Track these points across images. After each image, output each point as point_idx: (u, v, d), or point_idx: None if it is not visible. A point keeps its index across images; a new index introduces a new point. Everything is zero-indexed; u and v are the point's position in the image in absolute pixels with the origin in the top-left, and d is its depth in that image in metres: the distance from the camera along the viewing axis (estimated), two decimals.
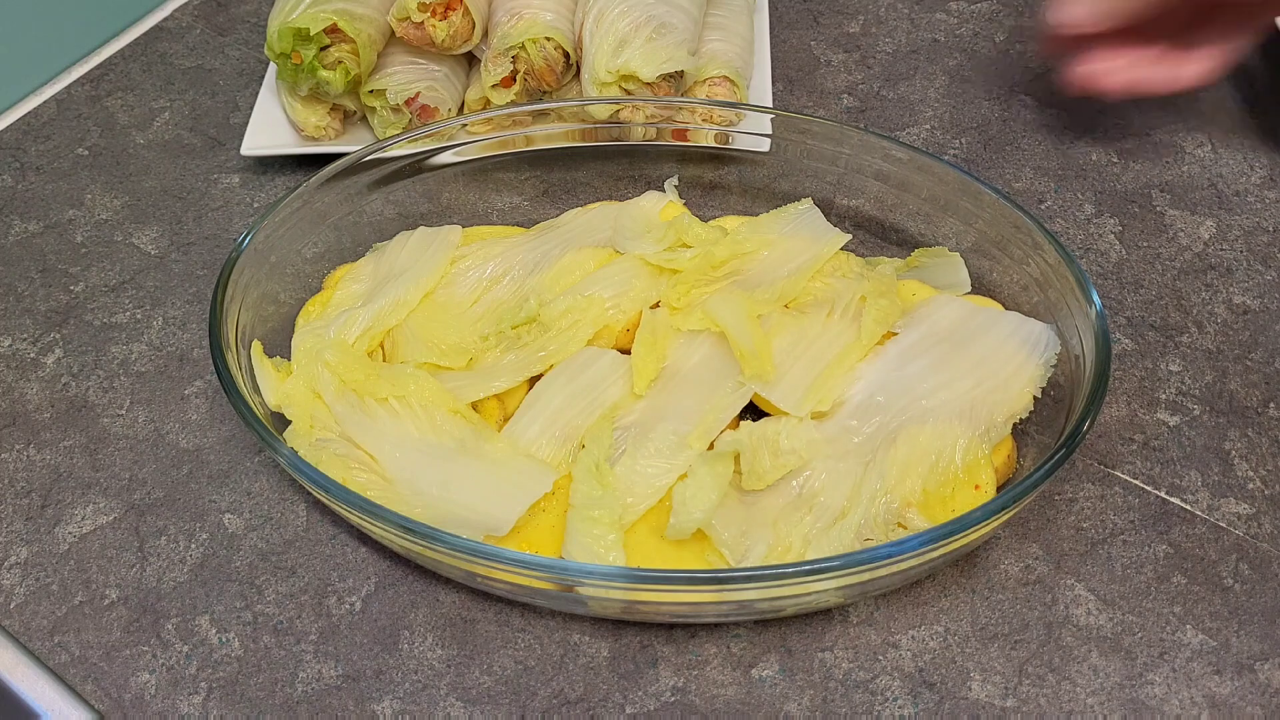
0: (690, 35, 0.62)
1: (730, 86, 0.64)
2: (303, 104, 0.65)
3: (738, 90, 0.64)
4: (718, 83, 0.64)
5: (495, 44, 0.62)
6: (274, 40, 0.61)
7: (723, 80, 0.64)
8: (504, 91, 0.62)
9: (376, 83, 0.65)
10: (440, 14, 0.62)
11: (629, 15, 0.61)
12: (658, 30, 0.61)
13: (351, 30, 0.61)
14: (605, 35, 0.61)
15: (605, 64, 0.60)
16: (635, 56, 0.60)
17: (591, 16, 0.62)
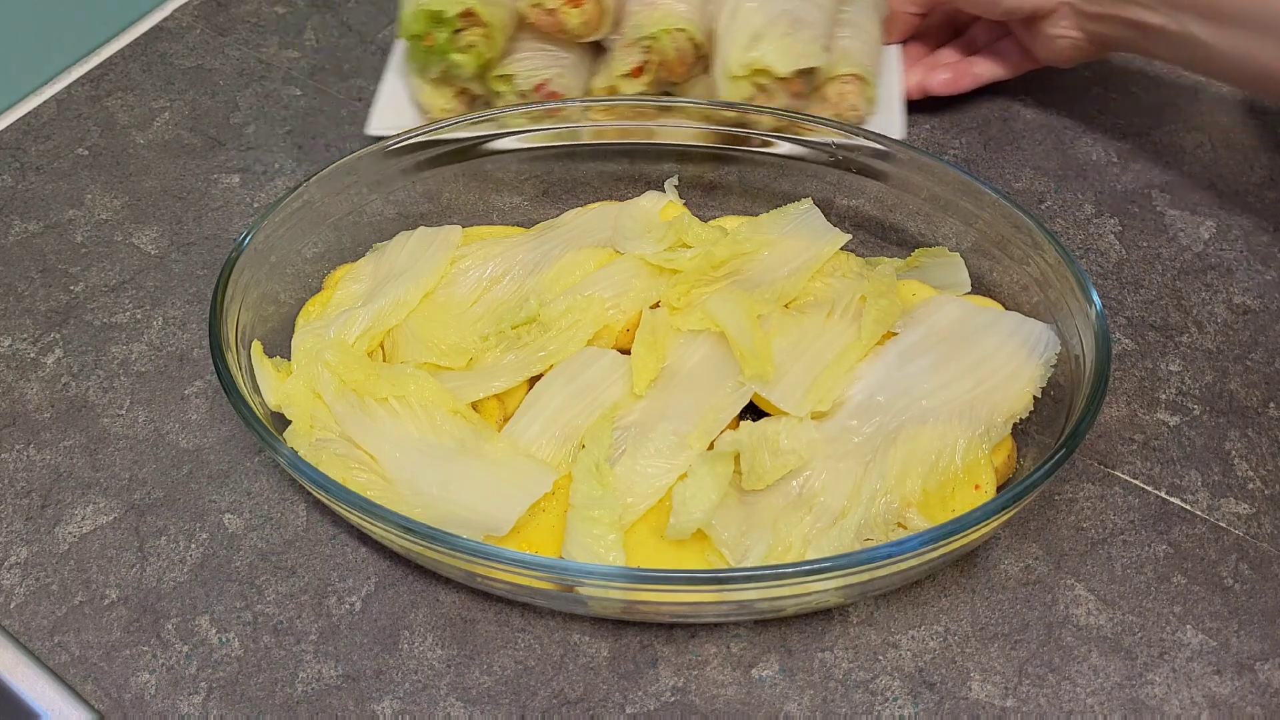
0: (824, 31, 0.62)
1: (860, 84, 0.64)
2: (431, 86, 0.65)
3: (868, 88, 0.64)
4: (848, 80, 0.63)
5: (628, 33, 0.61)
6: (408, 22, 0.62)
7: (853, 79, 0.63)
8: (633, 82, 0.62)
9: (505, 68, 0.65)
10: (574, 2, 0.62)
11: (764, 9, 0.61)
12: (793, 25, 0.61)
13: (486, 14, 0.61)
14: (740, 29, 0.61)
15: (739, 58, 0.60)
16: (770, 51, 0.60)
17: (727, 9, 0.61)
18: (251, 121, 0.72)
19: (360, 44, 0.77)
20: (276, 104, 0.73)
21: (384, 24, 0.78)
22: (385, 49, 0.76)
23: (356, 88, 0.73)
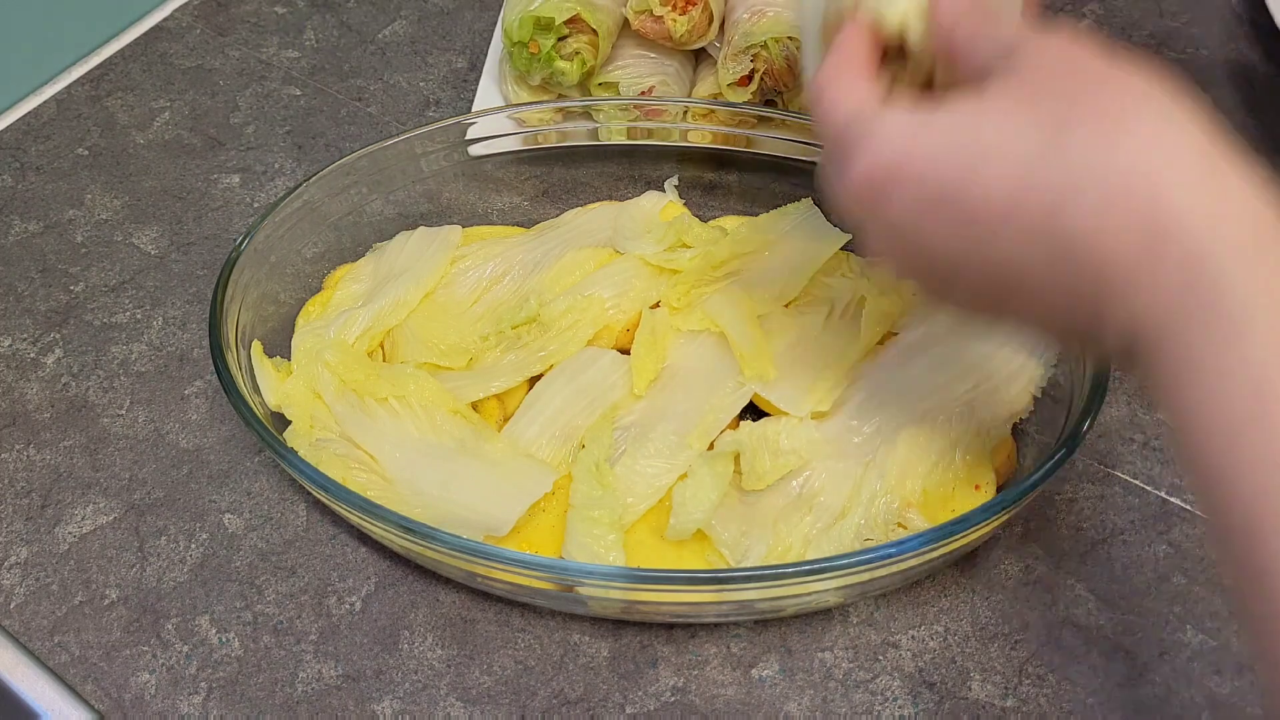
0: None
1: None
2: (530, 94, 0.65)
3: None
4: None
5: (735, 41, 0.61)
6: (513, 28, 0.61)
7: None
8: (741, 90, 0.62)
9: (608, 75, 0.65)
10: (681, 8, 0.61)
11: None
12: None
13: (594, 21, 0.61)
14: None
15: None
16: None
17: None
18: (251, 121, 0.72)
19: (360, 44, 0.77)
20: (276, 104, 0.73)
21: (384, 24, 0.78)
22: (385, 49, 0.76)
23: (356, 88, 0.73)
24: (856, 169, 0.34)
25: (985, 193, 0.32)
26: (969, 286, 0.34)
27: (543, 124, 0.62)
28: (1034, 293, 0.32)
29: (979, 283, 0.34)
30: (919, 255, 0.35)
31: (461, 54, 0.75)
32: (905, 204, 0.33)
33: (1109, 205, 0.30)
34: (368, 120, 0.71)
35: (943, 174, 0.32)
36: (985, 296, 0.34)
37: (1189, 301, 0.29)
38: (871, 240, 0.36)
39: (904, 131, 0.33)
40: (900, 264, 0.36)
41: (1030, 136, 0.31)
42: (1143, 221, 0.29)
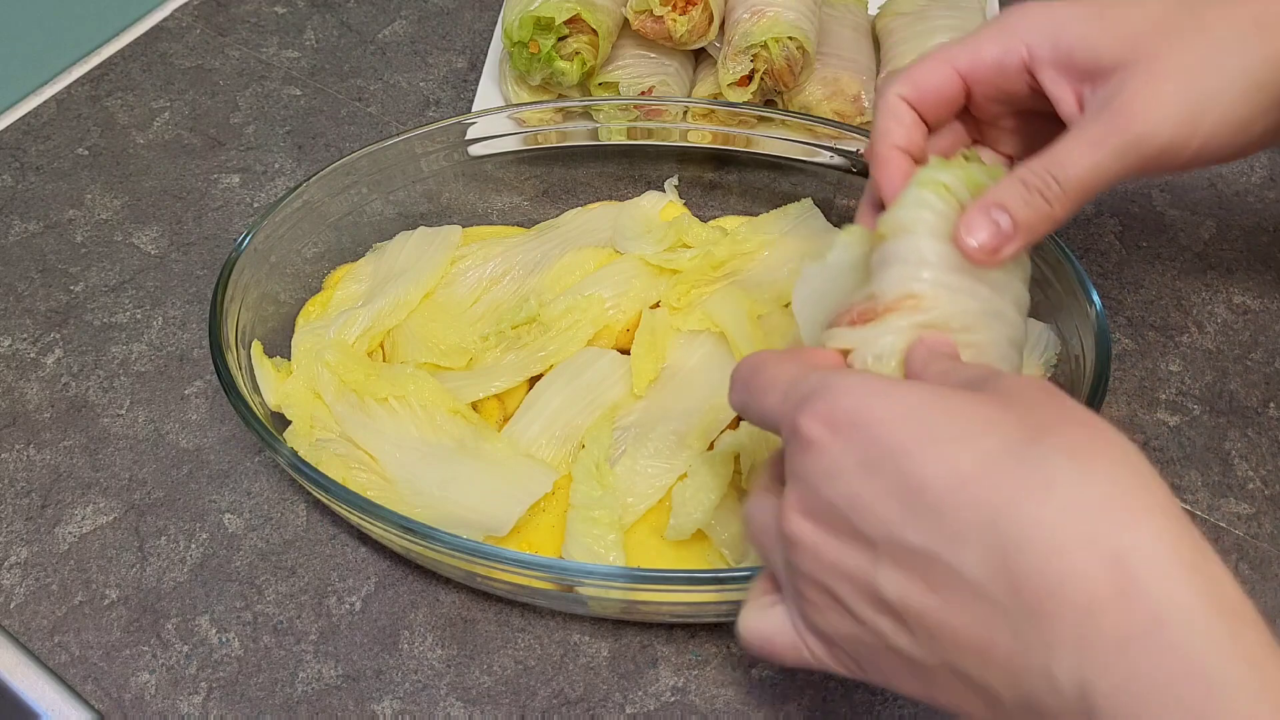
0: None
1: None
2: (530, 94, 0.65)
3: None
4: None
5: (736, 41, 0.61)
6: (513, 28, 0.61)
7: None
8: (741, 90, 0.62)
9: (608, 75, 0.65)
10: (681, 8, 0.61)
11: None
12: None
13: (594, 21, 0.61)
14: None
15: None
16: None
17: None
18: (251, 121, 0.72)
19: (360, 44, 0.77)
20: (276, 104, 0.73)
21: (384, 24, 0.78)
22: (385, 49, 0.76)
23: (356, 88, 0.73)
24: (813, 406, 0.31)
25: (941, 465, 0.29)
26: (878, 578, 0.30)
27: (543, 124, 0.62)
28: (955, 600, 0.28)
29: (892, 574, 0.29)
30: (833, 517, 0.31)
31: (461, 54, 0.75)
32: (850, 452, 0.30)
33: (1074, 526, 0.27)
34: (368, 120, 0.71)
35: (901, 434, 0.30)
36: (893, 597, 0.30)
37: (1156, 672, 0.25)
38: (791, 491, 0.32)
39: (874, 386, 0.31)
40: (799, 532, 0.32)
41: (1001, 430, 0.29)
42: (1108, 566, 0.26)
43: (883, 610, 0.30)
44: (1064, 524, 0.27)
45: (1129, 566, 0.26)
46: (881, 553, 0.30)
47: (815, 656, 0.34)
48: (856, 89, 0.64)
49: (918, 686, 0.31)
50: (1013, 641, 0.27)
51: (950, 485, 0.28)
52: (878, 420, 0.30)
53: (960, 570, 0.28)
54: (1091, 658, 0.26)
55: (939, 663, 0.30)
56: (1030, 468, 0.28)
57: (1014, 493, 0.28)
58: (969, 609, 0.28)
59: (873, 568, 0.30)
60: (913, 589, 0.29)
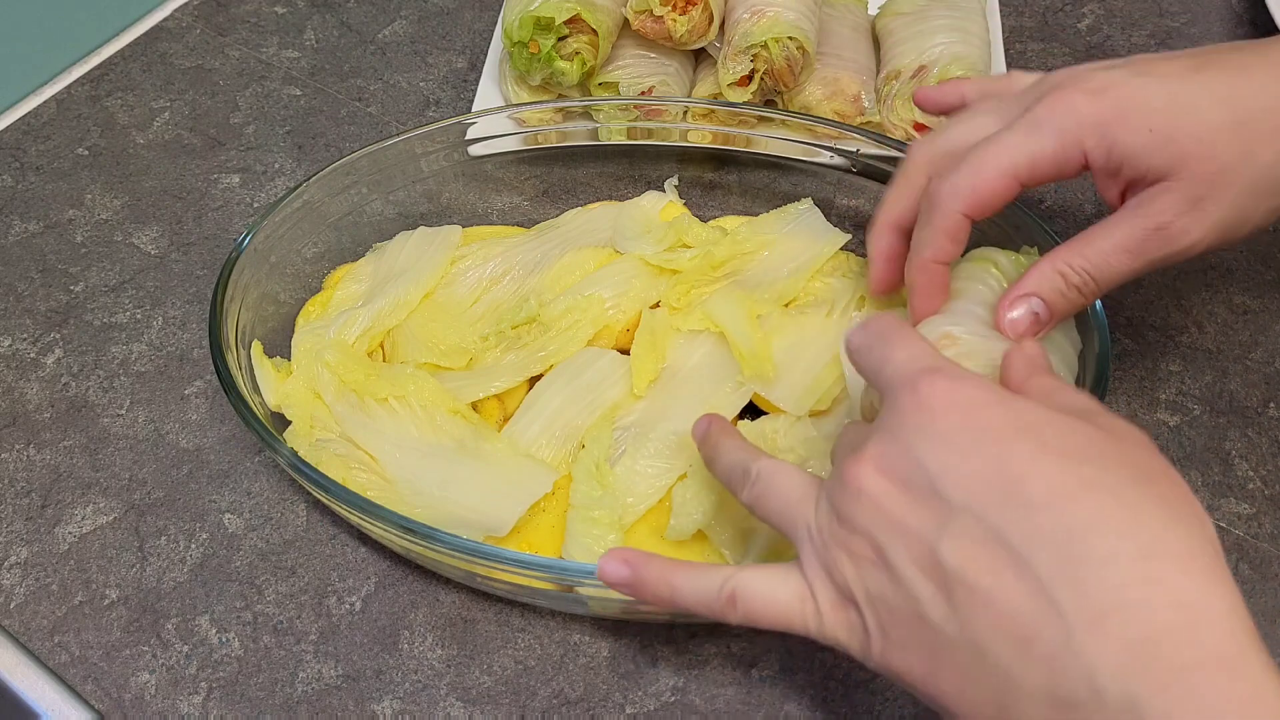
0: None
1: None
2: (530, 94, 0.65)
3: None
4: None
5: (736, 41, 0.61)
6: (513, 28, 0.61)
7: (965, 80, 0.62)
8: (741, 90, 0.62)
9: (608, 75, 0.65)
10: (681, 8, 0.61)
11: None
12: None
13: (594, 21, 0.61)
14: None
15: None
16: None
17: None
18: (251, 121, 0.72)
19: (360, 44, 0.77)
20: (276, 104, 0.73)
21: (384, 24, 0.78)
22: (385, 49, 0.76)
23: (356, 88, 0.73)
24: (941, 376, 0.33)
25: (1043, 471, 0.30)
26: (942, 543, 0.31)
27: (543, 124, 0.62)
28: (1014, 587, 0.30)
29: (958, 543, 0.31)
30: (914, 476, 0.32)
31: (461, 54, 0.75)
32: (960, 427, 0.32)
33: (1151, 565, 0.29)
34: (368, 120, 0.71)
35: (1013, 434, 0.32)
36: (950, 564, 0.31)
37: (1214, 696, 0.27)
38: (874, 444, 0.33)
39: (1001, 391, 0.33)
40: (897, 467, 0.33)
41: (1103, 463, 0.31)
42: (1174, 607, 0.28)
43: (930, 575, 0.31)
44: (1143, 560, 0.29)
45: (1196, 612, 0.28)
46: (955, 521, 0.31)
47: (818, 611, 0.35)
48: (856, 89, 0.64)
49: (923, 663, 0.32)
50: (1062, 641, 0.28)
51: (1047, 491, 0.30)
52: (998, 415, 0.32)
53: (1030, 563, 0.29)
54: (1145, 676, 0.27)
55: (964, 640, 0.30)
56: (1123, 505, 0.30)
57: (1104, 520, 0.29)
58: (1025, 599, 0.29)
59: (939, 532, 0.31)
60: (975, 563, 0.30)
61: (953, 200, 0.40)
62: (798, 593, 0.35)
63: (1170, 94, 0.38)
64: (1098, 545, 0.29)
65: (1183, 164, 0.38)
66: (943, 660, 0.31)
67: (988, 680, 0.30)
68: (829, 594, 0.34)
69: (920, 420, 0.32)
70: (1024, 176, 0.40)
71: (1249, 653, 0.28)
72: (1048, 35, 0.74)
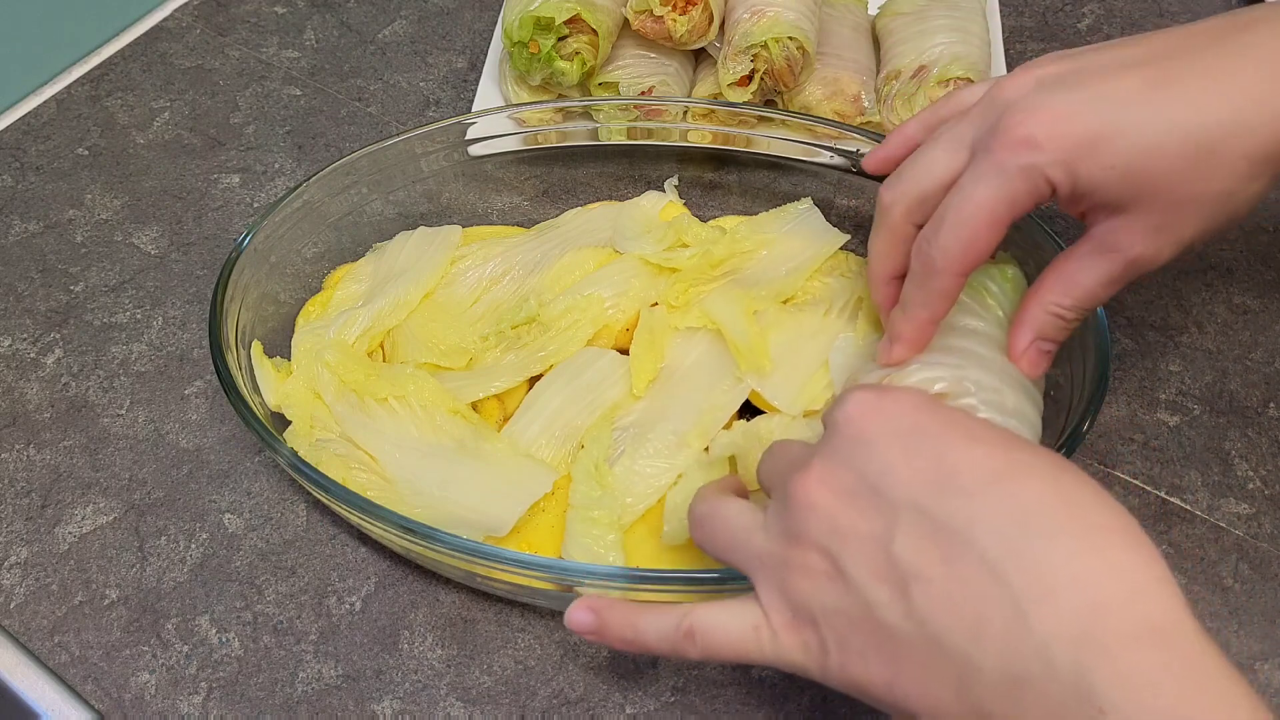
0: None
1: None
2: (530, 94, 0.65)
3: None
4: (960, 85, 0.62)
5: (736, 41, 0.61)
6: (513, 28, 0.61)
7: (965, 82, 0.62)
8: (741, 90, 0.62)
9: (608, 75, 0.65)
10: (681, 8, 0.61)
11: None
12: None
13: (594, 21, 0.61)
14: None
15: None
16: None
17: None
18: (251, 121, 0.72)
19: (360, 44, 0.77)
20: (276, 104, 0.73)
21: (384, 24, 0.78)
22: (385, 49, 0.76)
23: (356, 88, 0.73)
24: (859, 393, 0.35)
25: (976, 459, 0.32)
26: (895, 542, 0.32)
27: (543, 124, 0.62)
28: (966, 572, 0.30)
29: (909, 540, 0.32)
30: (858, 486, 0.33)
31: (461, 54, 0.75)
32: (890, 431, 0.34)
33: (1095, 540, 0.30)
34: (368, 120, 0.71)
35: (942, 428, 0.33)
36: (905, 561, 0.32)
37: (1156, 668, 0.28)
38: (815, 463, 0.35)
39: (924, 394, 0.35)
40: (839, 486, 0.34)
41: (1033, 453, 0.33)
42: (1119, 580, 0.29)
43: (885, 577, 0.32)
44: (1082, 535, 0.30)
45: (1136, 582, 0.29)
46: (902, 519, 0.32)
47: (774, 636, 0.35)
48: (856, 89, 0.64)
49: (884, 670, 0.32)
50: (1013, 618, 0.29)
51: (983, 476, 0.32)
52: (924, 415, 0.34)
53: (977, 546, 0.30)
54: (1093, 645, 0.28)
55: (922, 637, 0.31)
56: (1055, 485, 0.31)
57: (1041, 499, 0.31)
58: (976, 582, 0.30)
59: (889, 532, 0.32)
60: (925, 556, 0.31)
61: (946, 263, 0.41)
62: (751, 621, 0.36)
63: (1129, 125, 0.38)
64: (1039, 523, 0.30)
65: (1145, 196, 0.39)
66: (903, 663, 0.32)
67: (947, 672, 0.31)
68: (783, 617, 0.35)
69: (853, 431, 0.34)
70: (1006, 220, 0.40)
71: (1184, 621, 0.29)
72: (1048, 35, 0.74)
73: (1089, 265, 0.41)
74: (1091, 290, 0.41)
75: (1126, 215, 0.39)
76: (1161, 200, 0.39)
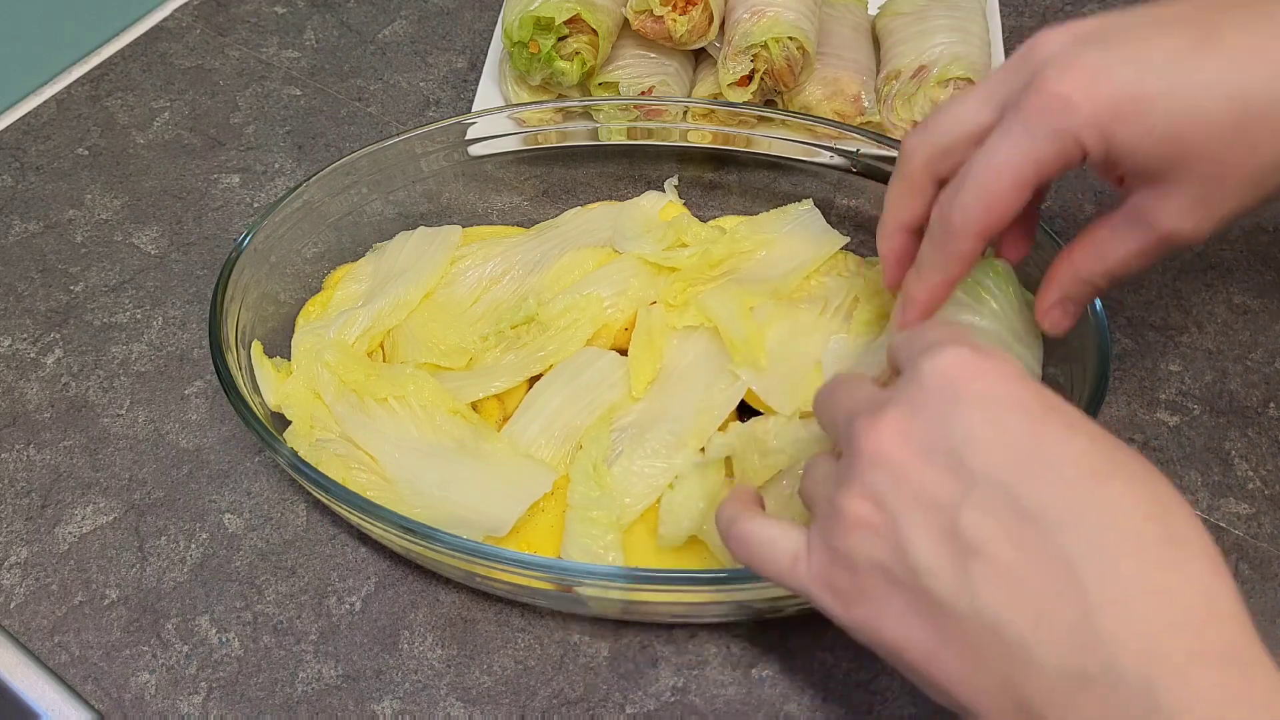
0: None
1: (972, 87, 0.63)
2: (530, 94, 0.66)
3: None
4: (960, 85, 0.62)
5: (736, 41, 0.61)
6: (513, 28, 0.61)
7: (965, 82, 0.62)
8: (741, 90, 0.62)
9: (608, 75, 0.65)
10: (681, 8, 0.61)
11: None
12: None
13: (594, 21, 0.61)
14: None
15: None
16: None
17: None
18: (251, 121, 0.72)
19: (360, 44, 0.77)
20: (276, 104, 0.73)
21: (384, 24, 0.78)
22: (385, 49, 0.76)
23: (356, 88, 0.73)
24: (955, 349, 0.33)
25: (1075, 447, 0.31)
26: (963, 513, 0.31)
27: (543, 124, 0.62)
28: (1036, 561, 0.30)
29: (980, 515, 0.30)
30: (936, 445, 0.32)
31: (461, 54, 0.75)
32: (982, 397, 0.32)
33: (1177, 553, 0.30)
34: (368, 120, 0.71)
35: (1040, 407, 0.32)
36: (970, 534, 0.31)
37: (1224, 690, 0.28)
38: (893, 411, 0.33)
39: (1016, 365, 0.33)
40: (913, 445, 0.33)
41: (1126, 454, 0.31)
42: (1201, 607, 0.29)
43: (943, 546, 0.31)
44: (1168, 546, 0.29)
45: (1212, 603, 0.29)
46: (978, 492, 0.30)
47: (809, 572, 0.35)
48: (856, 89, 0.64)
49: (926, 639, 0.31)
50: (1082, 616, 0.28)
51: (1081, 468, 0.30)
52: (1026, 391, 0.32)
53: (1059, 538, 0.29)
54: (1165, 662, 0.28)
55: (974, 613, 0.30)
56: (1151, 492, 0.30)
57: (1135, 503, 0.30)
58: (1049, 573, 0.29)
59: (960, 502, 0.30)
60: (996, 534, 0.30)
61: (965, 224, 0.39)
62: (792, 550, 0.36)
63: (1170, 89, 0.36)
64: (1129, 526, 0.29)
65: (1184, 165, 0.37)
66: (948, 637, 0.31)
67: (998, 656, 0.30)
68: (823, 557, 0.34)
69: (943, 386, 0.32)
70: (1032, 184, 0.38)
71: (1256, 648, 0.28)
72: None
73: (1122, 236, 0.39)
74: (1123, 261, 0.40)
75: (1164, 186, 0.37)
76: (1202, 170, 0.37)
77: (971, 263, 0.41)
